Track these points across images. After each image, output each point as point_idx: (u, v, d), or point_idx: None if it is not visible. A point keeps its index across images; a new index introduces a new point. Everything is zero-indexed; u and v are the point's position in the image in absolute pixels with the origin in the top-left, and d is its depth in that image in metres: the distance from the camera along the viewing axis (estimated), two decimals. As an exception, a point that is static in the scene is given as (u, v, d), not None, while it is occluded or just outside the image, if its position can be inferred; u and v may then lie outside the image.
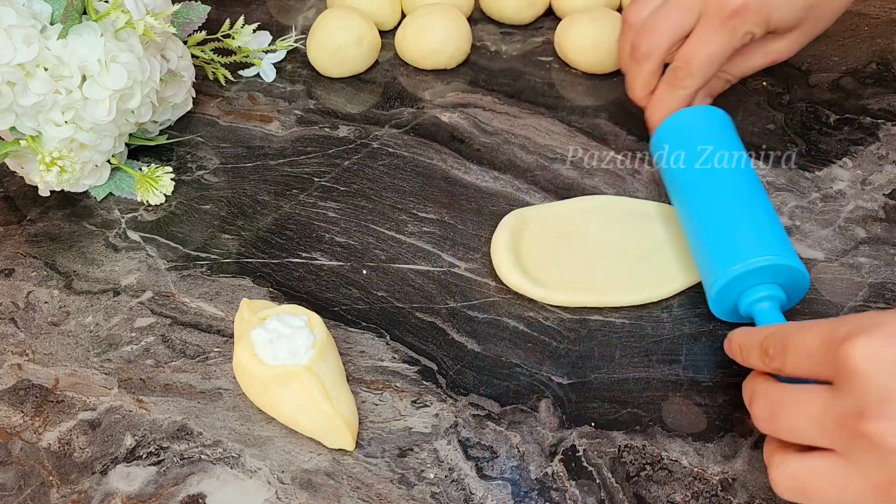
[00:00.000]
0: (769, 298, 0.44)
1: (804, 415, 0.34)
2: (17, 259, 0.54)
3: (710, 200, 0.48)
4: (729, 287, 0.45)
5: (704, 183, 0.48)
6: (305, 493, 0.41)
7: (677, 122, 0.52)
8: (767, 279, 0.44)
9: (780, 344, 0.36)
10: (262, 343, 0.43)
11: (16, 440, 0.44)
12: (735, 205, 0.47)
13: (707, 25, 0.50)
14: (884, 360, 0.32)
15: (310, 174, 0.59)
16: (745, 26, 0.50)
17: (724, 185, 0.48)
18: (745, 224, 0.46)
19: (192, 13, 0.61)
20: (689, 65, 0.51)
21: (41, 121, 0.51)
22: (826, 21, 0.54)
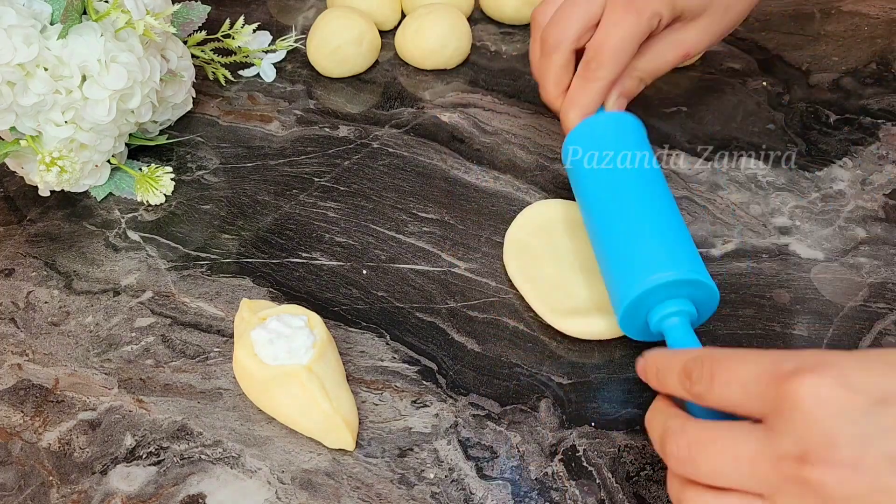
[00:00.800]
0: (679, 314, 0.42)
1: (731, 455, 0.32)
2: (17, 259, 0.54)
3: (618, 212, 0.46)
4: (638, 303, 0.43)
5: (612, 194, 0.47)
6: (305, 493, 0.41)
7: (589, 127, 0.50)
8: (677, 294, 0.42)
9: (709, 369, 0.34)
10: (262, 343, 0.43)
11: (16, 440, 0.44)
12: (643, 217, 0.45)
13: (613, 10, 0.49)
14: (832, 402, 0.30)
15: (310, 174, 0.59)
16: (650, 6, 0.48)
17: (633, 196, 0.46)
18: (654, 239, 0.44)
19: (192, 13, 0.61)
20: (600, 54, 0.49)
21: (41, 121, 0.51)
22: (734, 11, 0.52)
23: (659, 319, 0.43)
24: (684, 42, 0.51)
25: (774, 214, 0.54)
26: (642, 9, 0.48)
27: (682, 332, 0.42)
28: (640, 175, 0.47)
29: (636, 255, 0.44)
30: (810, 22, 0.70)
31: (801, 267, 0.51)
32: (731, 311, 0.48)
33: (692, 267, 0.42)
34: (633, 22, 0.48)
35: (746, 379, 0.32)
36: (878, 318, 0.48)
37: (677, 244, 0.44)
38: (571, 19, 0.50)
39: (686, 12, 0.50)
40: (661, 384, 0.37)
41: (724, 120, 0.61)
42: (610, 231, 0.46)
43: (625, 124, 0.50)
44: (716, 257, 0.52)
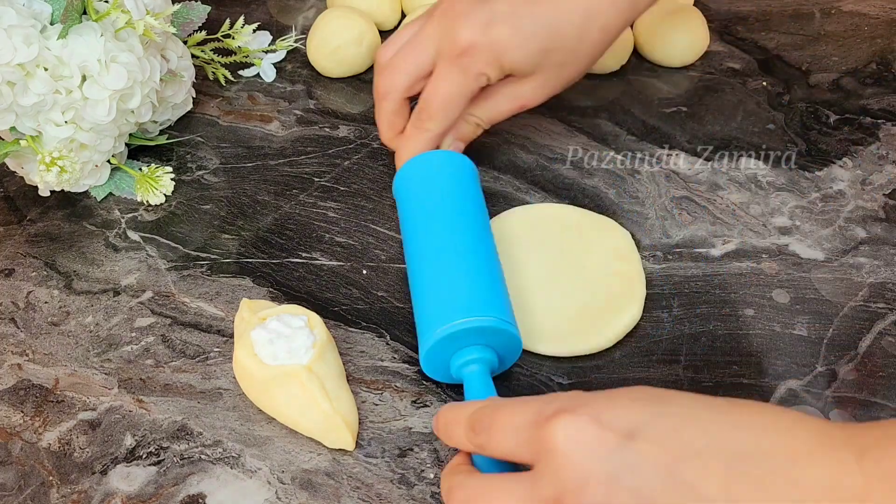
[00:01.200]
0: (479, 361, 0.42)
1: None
2: (17, 259, 0.54)
3: (432, 252, 0.45)
4: (438, 348, 0.42)
5: (429, 233, 0.46)
6: (305, 493, 0.41)
7: (416, 166, 0.50)
8: (478, 341, 0.42)
9: (488, 420, 0.34)
10: (261, 343, 0.43)
11: (16, 440, 0.44)
12: (454, 259, 0.44)
13: (441, 66, 0.49)
14: (585, 440, 0.30)
15: (310, 174, 0.59)
16: (475, 66, 0.48)
17: (448, 237, 0.45)
18: (460, 282, 0.43)
19: (192, 13, 0.61)
20: (429, 107, 0.50)
21: (41, 121, 0.51)
22: (571, 67, 0.50)
23: (458, 367, 0.42)
24: (520, 96, 0.51)
25: (774, 214, 0.54)
26: (468, 68, 0.48)
27: (477, 381, 0.41)
28: (455, 214, 0.47)
29: (439, 298, 0.43)
30: (810, 22, 0.70)
31: (801, 267, 0.51)
32: (730, 311, 0.48)
33: (492, 312, 0.42)
34: (460, 80, 0.49)
35: (517, 426, 0.33)
36: (878, 318, 0.48)
37: (482, 287, 0.43)
38: (401, 70, 0.51)
39: (515, 71, 0.50)
40: (449, 438, 0.37)
41: (724, 120, 0.61)
42: (421, 271, 0.45)
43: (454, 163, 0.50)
44: (716, 257, 0.52)
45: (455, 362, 0.42)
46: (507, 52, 0.48)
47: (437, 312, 0.42)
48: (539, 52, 0.48)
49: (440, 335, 0.41)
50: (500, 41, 0.48)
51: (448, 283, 0.43)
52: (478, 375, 0.42)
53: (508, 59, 0.48)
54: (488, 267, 0.45)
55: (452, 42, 0.48)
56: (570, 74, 0.51)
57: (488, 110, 0.52)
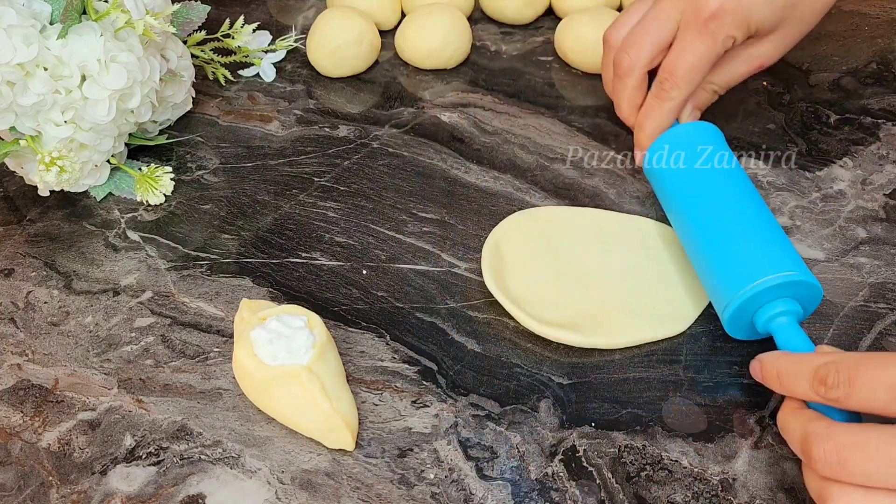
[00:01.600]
0: (787, 314, 0.43)
1: (886, 458, 0.32)
2: (17, 259, 0.54)
3: (714, 217, 0.47)
4: (745, 307, 0.44)
5: (706, 200, 0.47)
6: (305, 494, 0.41)
7: (671, 139, 0.51)
8: (783, 294, 0.43)
9: (846, 375, 0.35)
10: (261, 343, 0.43)
11: (16, 440, 0.44)
12: (740, 220, 0.46)
13: (686, 33, 0.49)
14: None
15: (310, 174, 0.59)
16: (723, 30, 0.48)
17: (727, 201, 0.47)
18: (754, 240, 0.45)
19: (192, 13, 0.61)
20: (673, 75, 0.50)
21: (41, 121, 0.51)
22: (808, 22, 0.52)
23: (766, 320, 0.43)
24: (758, 56, 0.52)
25: (775, 214, 0.54)
26: (716, 31, 0.48)
27: (792, 332, 0.42)
28: (729, 177, 0.48)
29: (741, 258, 0.44)
30: (810, 22, 0.70)
31: (802, 267, 0.51)
32: (731, 311, 0.48)
33: (797, 267, 0.43)
34: (708, 45, 0.49)
35: (892, 382, 0.33)
36: (879, 318, 0.48)
37: (778, 245, 0.45)
38: (644, 43, 0.51)
39: (760, 30, 0.50)
40: (785, 388, 0.38)
41: (724, 120, 0.61)
42: (708, 234, 0.46)
43: (706, 131, 0.51)
44: (716, 257, 0.52)
45: (762, 317, 0.43)
46: (755, 10, 0.49)
47: (745, 271, 0.44)
48: (783, 8, 0.49)
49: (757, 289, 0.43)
50: (748, 1, 0.48)
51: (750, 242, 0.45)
52: (790, 327, 0.43)
53: (756, 19, 0.49)
54: (775, 224, 0.46)
55: (698, 8, 0.48)
56: (805, 29, 0.52)
57: (726, 75, 0.53)
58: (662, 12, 0.50)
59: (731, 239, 0.45)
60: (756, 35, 0.51)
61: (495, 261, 0.50)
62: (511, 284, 0.49)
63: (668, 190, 0.50)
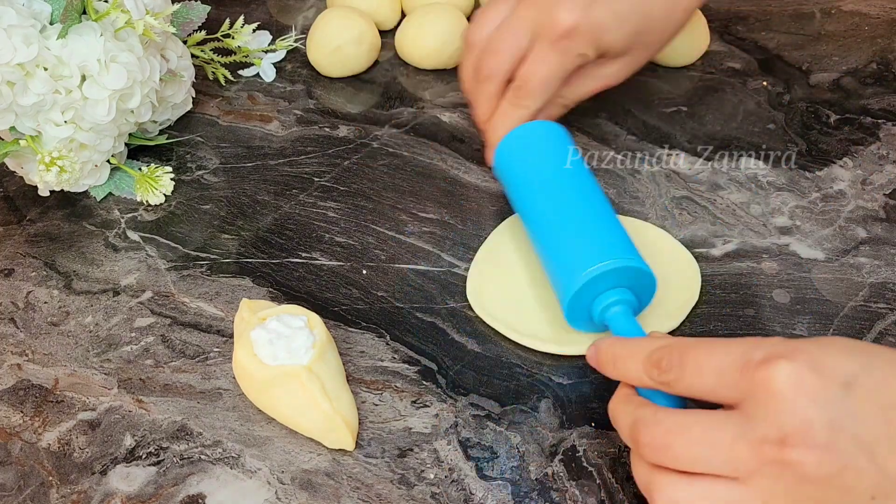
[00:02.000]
0: (620, 303, 0.43)
1: (709, 442, 0.33)
2: (17, 259, 0.54)
3: (553, 211, 0.47)
4: (580, 296, 0.44)
5: (545, 194, 0.48)
6: (305, 494, 0.41)
7: (519, 136, 0.52)
8: (615, 284, 0.43)
9: (678, 358, 0.35)
10: (261, 343, 0.43)
11: (16, 440, 0.44)
12: (576, 212, 0.46)
13: (541, 47, 0.51)
14: (807, 387, 0.31)
15: (310, 174, 0.59)
16: (576, 48, 0.50)
17: (564, 194, 0.48)
18: (588, 230, 0.45)
19: (192, 13, 0.61)
20: (527, 85, 0.51)
21: (41, 121, 0.51)
22: (652, 48, 0.55)
23: (601, 310, 0.44)
24: (607, 76, 0.54)
25: (775, 214, 0.54)
26: (568, 49, 0.50)
27: (625, 321, 0.43)
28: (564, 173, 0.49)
29: (571, 250, 0.45)
30: (810, 22, 0.70)
31: (802, 267, 0.51)
32: (731, 311, 0.48)
33: (626, 254, 0.44)
34: (560, 60, 0.51)
35: (719, 367, 0.34)
36: (879, 318, 0.48)
37: (609, 234, 0.45)
38: (504, 52, 0.52)
39: (610, 51, 0.52)
40: (620, 372, 0.38)
41: (724, 120, 0.61)
42: (544, 231, 0.47)
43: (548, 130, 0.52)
44: (716, 257, 0.52)
45: (597, 307, 0.44)
46: (606, 33, 0.51)
47: (576, 261, 0.44)
48: (633, 34, 0.52)
49: (585, 279, 0.43)
50: (600, 23, 0.50)
51: (583, 233, 0.45)
52: (622, 316, 0.43)
53: (606, 40, 0.51)
54: (613, 218, 0.47)
55: (553, 24, 0.50)
56: (651, 54, 0.55)
57: (575, 90, 0.54)
58: (519, 25, 0.51)
59: (562, 234, 0.46)
60: (606, 55, 0.52)
61: (480, 278, 0.51)
62: (496, 300, 0.49)
63: (516, 185, 0.51)
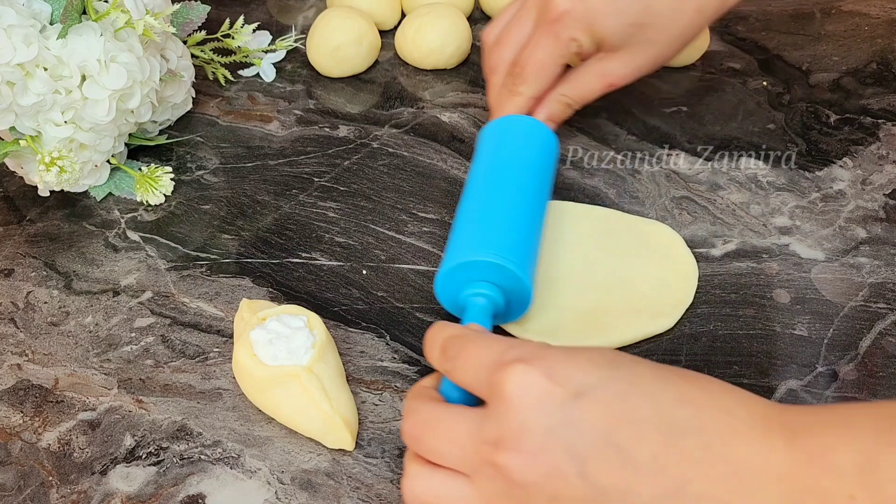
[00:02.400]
0: (486, 297, 0.43)
1: (447, 437, 0.34)
2: (17, 259, 0.54)
3: (481, 197, 0.48)
4: (456, 274, 0.44)
5: (486, 182, 0.48)
6: (305, 494, 0.41)
7: (501, 125, 0.52)
8: (492, 280, 0.44)
9: (457, 348, 0.36)
10: (261, 343, 0.43)
11: (15, 440, 0.44)
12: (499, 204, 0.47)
13: (536, 32, 0.51)
14: (533, 392, 0.32)
15: (310, 174, 0.59)
16: (567, 31, 0.50)
17: (501, 185, 0.48)
18: (499, 224, 0.45)
19: (192, 13, 0.61)
20: (522, 70, 0.52)
21: (41, 121, 0.51)
22: (661, 46, 0.52)
23: (466, 295, 0.44)
24: (609, 73, 0.53)
25: (774, 214, 0.54)
26: (560, 33, 0.50)
27: (477, 311, 0.43)
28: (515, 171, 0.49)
29: (472, 234, 0.45)
30: (810, 22, 0.70)
31: (802, 267, 0.51)
32: (731, 311, 0.48)
33: (514, 257, 0.43)
34: (552, 45, 0.51)
35: (479, 363, 0.34)
36: (879, 318, 0.48)
37: (515, 235, 0.45)
38: (508, 43, 0.53)
39: (606, 43, 0.51)
40: (428, 355, 0.39)
41: (724, 120, 0.61)
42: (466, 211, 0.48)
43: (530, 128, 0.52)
44: (716, 257, 0.52)
45: (465, 291, 0.44)
46: (599, 19, 0.50)
47: (467, 244, 0.45)
48: (631, 26, 0.50)
49: (460, 260, 0.44)
50: (594, 8, 0.50)
51: (484, 223, 0.46)
52: (480, 307, 0.43)
53: (599, 27, 0.50)
54: (527, 224, 0.47)
55: (548, 9, 0.50)
56: (660, 54, 0.52)
57: (577, 88, 0.54)
58: (523, 15, 0.53)
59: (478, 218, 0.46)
60: (604, 48, 0.51)
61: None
62: None
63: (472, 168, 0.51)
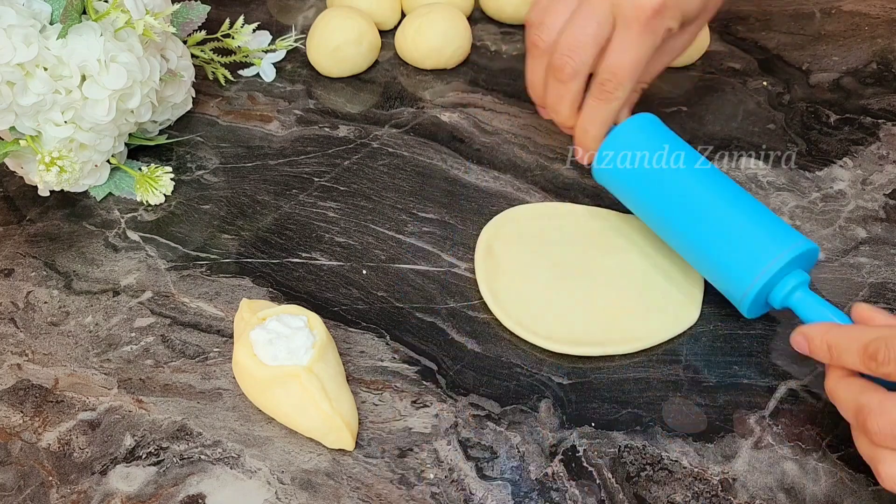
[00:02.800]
0: (800, 286, 0.44)
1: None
2: (17, 259, 0.54)
3: (701, 212, 0.46)
4: (761, 292, 0.45)
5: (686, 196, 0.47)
6: (305, 494, 0.41)
7: (624, 134, 0.50)
8: (792, 268, 0.44)
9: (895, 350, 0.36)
10: (261, 343, 0.43)
11: (16, 440, 0.44)
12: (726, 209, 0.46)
13: (628, 30, 0.47)
14: None
15: (310, 174, 0.59)
16: (666, 23, 0.48)
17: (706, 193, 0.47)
18: (748, 224, 0.45)
19: (192, 13, 0.61)
20: (617, 75, 0.48)
21: (41, 121, 0.51)
22: (712, 12, 0.52)
23: (783, 297, 0.45)
24: (674, 49, 0.53)
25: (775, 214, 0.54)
26: (658, 28, 0.47)
27: (815, 303, 0.44)
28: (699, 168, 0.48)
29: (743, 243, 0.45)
30: (810, 22, 0.70)
31: (802, 267, 0.51)
32: (731, 310, 0.48)
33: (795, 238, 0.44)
34: (650, 41, 0.48)
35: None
36: (879, 318, 0.48)
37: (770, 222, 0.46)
38: (586, 46, 0.48)
39: (687, 21, 0.50)
40: (835, 361, 0.39)
41: (724, 120, 0.61)
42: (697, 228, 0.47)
43: (649, 123, 0.51)
44: (716, 257, 0.52)
45: (779, 293, 0.45)
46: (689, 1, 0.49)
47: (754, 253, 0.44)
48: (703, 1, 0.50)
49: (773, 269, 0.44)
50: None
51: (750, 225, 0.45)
52: (811, 297, 0.44)
53: (689, 9, 0.49)
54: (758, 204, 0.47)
55: (640, 6, 0.46)
56: (707, 18, 0.53)
57: (650, 71, 0.53)
58: (596, 12, 0.48)
59: (726, 229, 0.46)
60: (683, 26, 0.50)
61: (489, 267, 0.51)
62: (507, 295, 0.49)
63: (641, 191, 0.49)
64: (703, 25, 0.54)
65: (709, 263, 0.47)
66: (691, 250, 0.47)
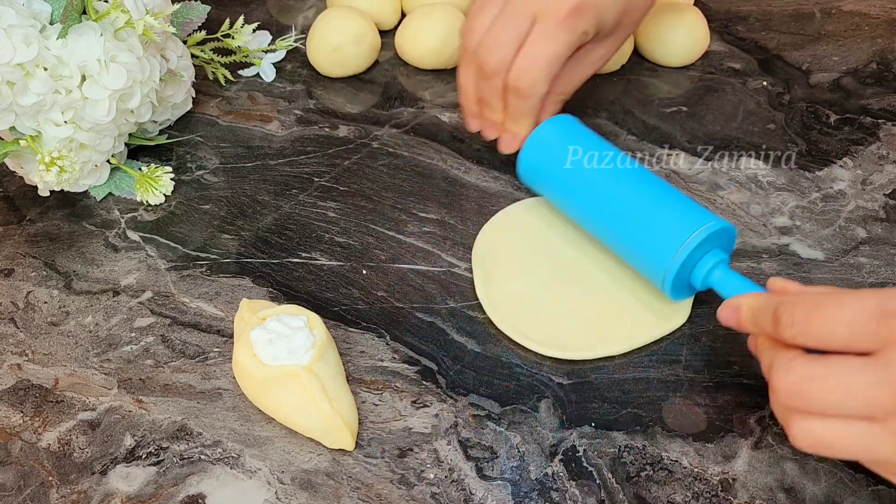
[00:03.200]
0: (719, 265, 0.45)
1: (844, 387, 0.34)
2: (17, 259, 0.54)
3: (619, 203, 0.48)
4: (679, 275, 0.45)
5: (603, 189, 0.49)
6: (305, 494, 0.41)
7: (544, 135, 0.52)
8: (708, 248, 0.45)
9: (803, 314, 0.36)
10: (261, 343, 0.43)
11: (16, 440, 0.44)
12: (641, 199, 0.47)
13: (545, 25, 0.49)
14: None
15: (310, 174, 0.59)
16: (582, 25, 0.50)
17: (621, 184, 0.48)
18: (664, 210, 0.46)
19: (192, 13, 0.61)
20: (532, 69, 0.50)
21: (41, 121, 0.51)
22: (630, 29, 0.55)
23: (704, 276, 0.45)
24: (594, 61, 0.54)
25: (775, 214, 0.54)
26: (574, 27, 0.50)
27: (734, 278, 0.44)
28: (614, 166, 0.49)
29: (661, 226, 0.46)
30: (810, 22, 0.70)
31: (802, 267, 0.51)
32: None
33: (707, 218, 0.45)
34: (567, 39, 0.50)
35: (851, 318, 0.34)
36: (879, 318, 0.48)
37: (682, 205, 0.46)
38: (506, 42, 0.50)
39: (604, 30, 0.52)
40: (759, 326, 0.39)
41: (724, 120, 0.61)
42: (615, 219, 0.48)
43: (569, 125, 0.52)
44: (716, 257, 0.52)
45: (698, 273, 0.45)
46: (607, 9, 0.51)
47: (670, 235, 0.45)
48: (622, 12, 0.52)
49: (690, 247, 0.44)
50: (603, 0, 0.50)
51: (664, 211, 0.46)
52: (730, 273, 0.45)
53: (605, 17, 0.51)
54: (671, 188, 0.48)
55: (558, 4, 0.49)
56: (626, 36, 0.55)
57: (569, 82, 0.54)
58: (518, 12, 0.50)
59: (641, 219, 0.47)
60: (599, 35, 0.52)
61: (484, 269, 0.51)
62: (502, 297, 0.49)
63: (561, 192, 0.51)
64: (622, 42, 0.55)
65: (632, 254, 0.47)
66: (615, 243, 0.48)
